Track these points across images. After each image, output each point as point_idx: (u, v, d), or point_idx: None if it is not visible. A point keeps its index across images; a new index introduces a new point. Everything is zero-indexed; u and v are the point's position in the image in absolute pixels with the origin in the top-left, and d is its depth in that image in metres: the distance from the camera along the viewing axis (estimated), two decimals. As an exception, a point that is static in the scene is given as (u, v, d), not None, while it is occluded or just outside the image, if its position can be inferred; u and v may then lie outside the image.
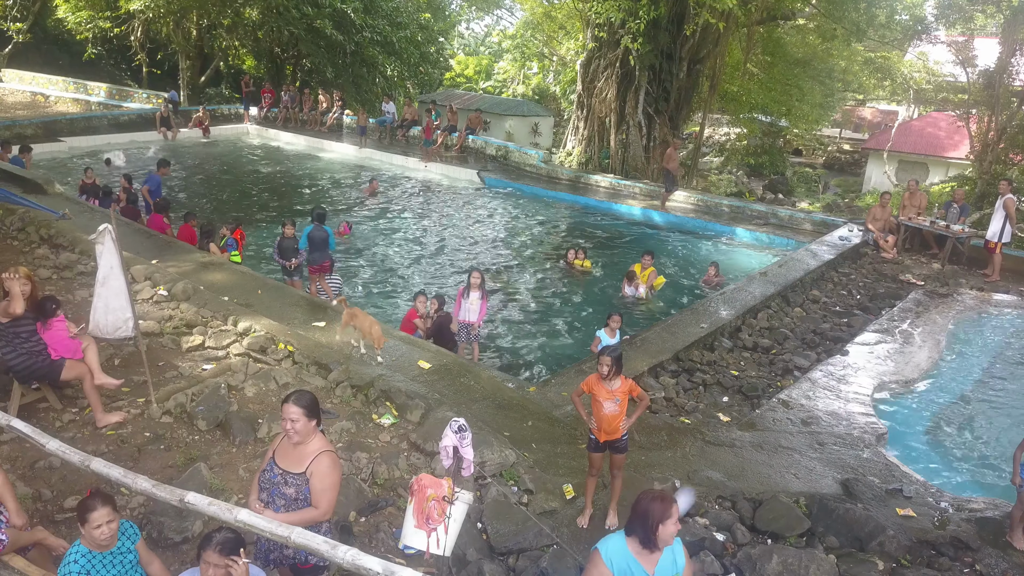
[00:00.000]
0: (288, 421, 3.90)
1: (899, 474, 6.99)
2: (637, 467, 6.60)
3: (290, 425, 3.89)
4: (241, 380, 7.19)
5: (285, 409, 3.93)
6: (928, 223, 14.17)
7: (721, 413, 8.20)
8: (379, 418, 6.82)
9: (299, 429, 3.90)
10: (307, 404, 3.97)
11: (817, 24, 24.14)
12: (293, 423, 3.89)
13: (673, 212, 17.59)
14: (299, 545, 2.42)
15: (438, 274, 13.35)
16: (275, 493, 3.99)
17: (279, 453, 4.05)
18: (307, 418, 3.94)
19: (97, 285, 6.34)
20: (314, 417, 3.99)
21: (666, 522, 3.56)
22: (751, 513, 6.14)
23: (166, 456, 6.04)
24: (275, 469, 3.98)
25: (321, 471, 3.97)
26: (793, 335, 10.54)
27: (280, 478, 3.98)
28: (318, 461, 3.97)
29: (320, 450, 3.99)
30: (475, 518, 5.61)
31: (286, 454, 4.00)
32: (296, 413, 3.90)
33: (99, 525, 3.78)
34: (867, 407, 8.23)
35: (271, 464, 4.03)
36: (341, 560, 2.28)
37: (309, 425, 3.96)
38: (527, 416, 7.32)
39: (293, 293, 10.02)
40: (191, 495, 2.68)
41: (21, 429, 3.86)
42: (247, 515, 2.54)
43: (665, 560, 3.67)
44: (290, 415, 3.90)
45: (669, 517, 3.56)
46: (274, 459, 4.05)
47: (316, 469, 3.97)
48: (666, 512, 3.56)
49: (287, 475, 3.98)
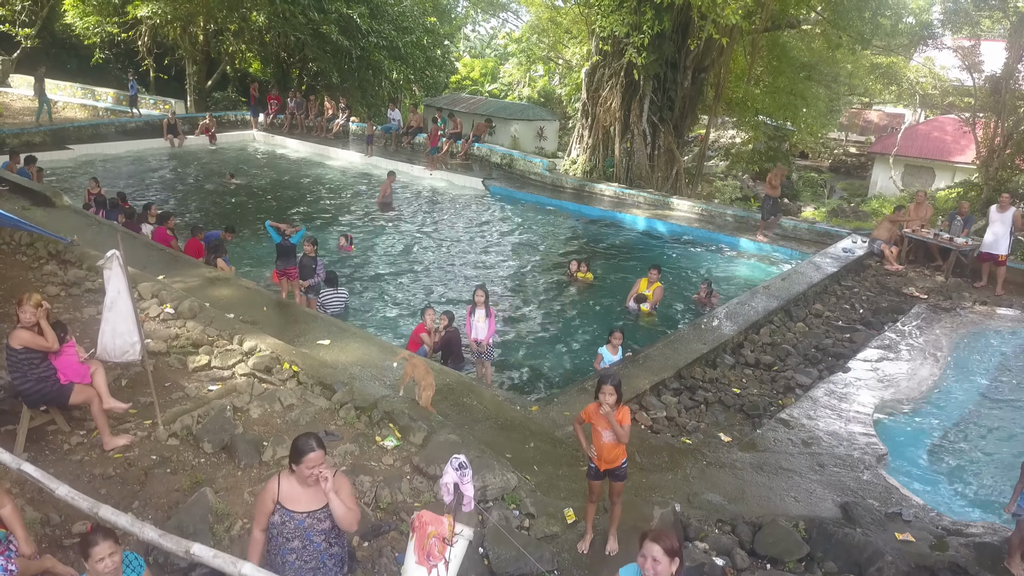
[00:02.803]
0: (316, 467, 3.93)
1: (898, 497, 7.02)
2: (638, 490, 6.65)
3: (318, 470, 3.94)
4: (247, 401, 7.27)
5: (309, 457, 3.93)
6: (932, 235, 14.19)
7: (722, 433, 8.25)
8: (382, 440, 6.89)
9: (324, 468, 4.00)
10: (322, 443, 4.05)
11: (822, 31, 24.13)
12: (320, 467, 3.95)
13: (677, 222, 17.63)
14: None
15: (443, 286, 13.41)
16: (310, 535, 4.03)
17: (287, 499, 4.02)
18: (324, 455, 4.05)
19: (105, 310, 6.42)
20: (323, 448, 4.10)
21: (644, 552, 3.72)
22: (751, 537, 6.19)
23: (172, 480, 6.12)
24: (296, 516, 3.98)
25: (347, 488, 4.11)
26: (795, 351, 10.57)
27: (308, 520, 4.01)
28: (340, 481, 4.09)
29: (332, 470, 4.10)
30: (476, 543, 5.68)
31: (296, 497, 4.02)
32: (321, 456, 3.98)
33: (102, 559, 3.85)
34: (868, 427, 8.26)
35: (288, 514, 3.99)
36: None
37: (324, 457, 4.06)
38: (529, 437, 7.38)
39: (298, 310, 10.10)
40: (196, 547, 2.76)
41: (31, 474, 3.93)
42: (251, 569, 2.61)
43: None
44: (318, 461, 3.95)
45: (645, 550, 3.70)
46: (285, 507, 4.01)
47: (340, 488, 4.06)
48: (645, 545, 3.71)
49: (316, 513, 4.04)
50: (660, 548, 3.69)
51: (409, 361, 7.69)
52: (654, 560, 3.70)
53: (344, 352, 8.67)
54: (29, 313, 6.16)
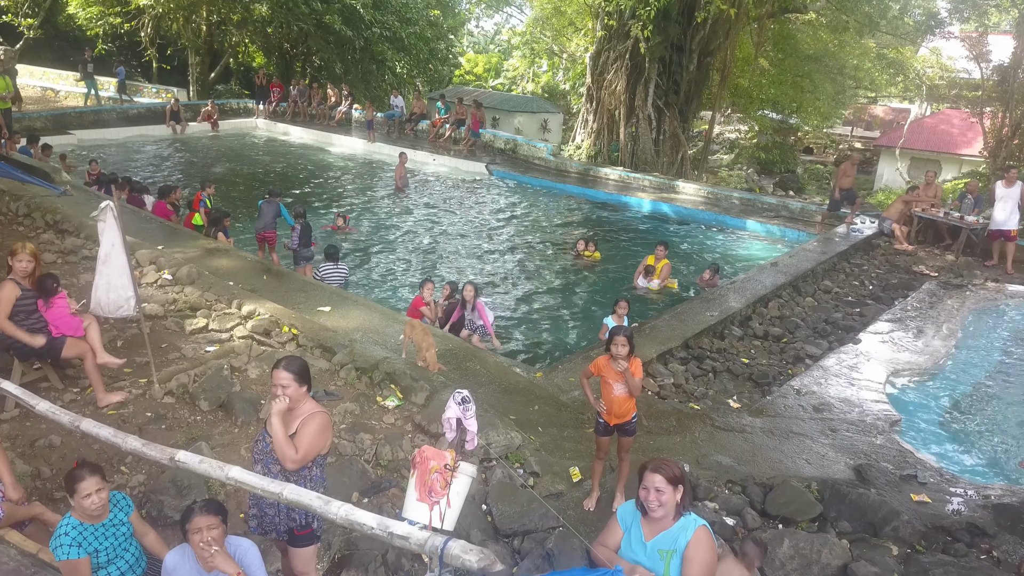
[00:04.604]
0: (279, 387, 3.81)
1: (913, 460, 6.83)
2: (645, 452, 6.46)
3: (280, 391, 3.81)
4: (244, 362, 7.11)
5: (275, 375, 3.84)
6: (942, 214, 13.98)
7: (731, 399, 8.06)
8: (383, 400, 6.72)
9: (290, 395, 3.82)
10: (297, 369, 3.89)
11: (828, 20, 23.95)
12: (284, 388, 3.80)
13: (683, 204, 17.44)
14: (290, 502, 2.32)
15: (445, 266, 13.24)
16: (269, 462, 3.89)
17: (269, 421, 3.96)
18: (298, 383, 3.86)
19: (99, 263, 6.27)
20: (305, 383, 3.92)
21: (645, 483, 3.51)
22: (761, 498, 6.00)
23: (167, 435, 5.95)
24: (266, 438, 3.89)
25: (305, 429, 3.88)
26: (804, 324, 10.38)
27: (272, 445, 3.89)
28: (304, 421, 3.89)
29: (311, 411, 3.93)
30: (480, 499, 5.51)
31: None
32: (287, 378, 3.82)
33: (88, 494, 3.70)
34: (880, 395, 8.08)
35: (263, 434, 3.94)
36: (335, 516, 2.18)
37: (300, 391, 3.88)
38: (533, 400, 7.21)
39: (298, 279, 9.94)
40: (181, 453, 2.60)
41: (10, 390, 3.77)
42: (239, 472, 2.45)
43: (668, 534, 3.56)
44: (280, 380, 3.81)
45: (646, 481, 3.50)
46: (265, 429, 3.96)
47: (304, 422, 3.89)
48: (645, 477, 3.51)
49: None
50: (662, 477, 3.48)
51: (408, 324, 7.53)
52: (657, 491, 3.48)
53: (345, 318, 8.50)
54: (25, 262, 6.01)
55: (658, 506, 3.48)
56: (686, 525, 3.50)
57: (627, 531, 3.68)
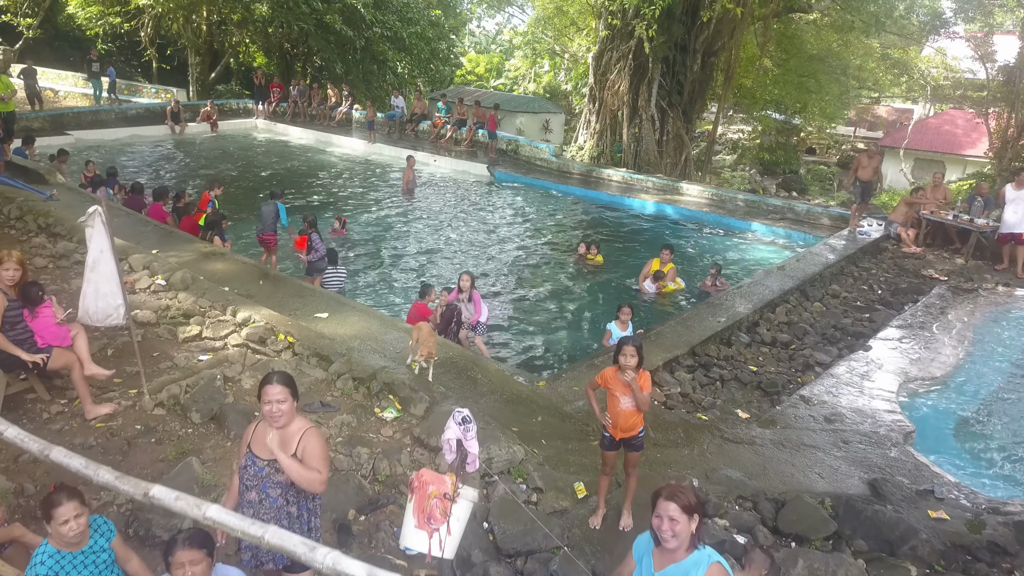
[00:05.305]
0: (273, 403, 3.59)
1: (929, 474, 6.61)
2: (652, 464, 6.26)
3: (276, 407, 3.59)
4: (238, 371, 6.90)
5: (267, 391, 3.62)
6: (951, 217, 13.75)
7: (740, 409, 7.84)
8: (381, 412, 6.51)
9: (285, 410, 3.61)
10: (289, 382, 3.69)
11: (831, 20, 23.73)
12: (279, 404, 3.59)
13: (687, 206, 17.21)
14: (273, 547, 2.10)
15: (447, 270, 13.02)
16: (266, 487, 3.68)
17: (256, 443, 3.75)
18: (292, 398, 3.66)
19: (87, 270, 6.04)
20: (296, 396, 3.73)
21: (659, 512, 3.29)
22: (773, 514, 5.78)
23: (157, 450, 5.74)
24: (258, 462, 3.67)
25: (312, 446, 3.69)
26: (813, 330, 10.16)
27: (268, 469, 3.67)
28: (306, 439, 3.69)
29: (303, 428, 3.72)
30: (481, 517, 5.29)
31: (264, 443, 3.69)
32: (281, 393, 3.61)
33: (66, 521, 3.50)
34: (893, 404, 7.85)
35: (251, 458, 3.71)
36: (320, 565, 1.96)
37: (293, 406, 3.68)
38: (536, 411, 6.99)
39: (296, 284, 9.72)
40: (156, 488, 2.37)
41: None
42: (216, 511, 2.23)
43: (679, 567, 3.32)
44: (275, 396, 3.60)
45: (659, 509, 3.28)
46: (252, 452, 3.74)
47: (307, 446, 3.69)
48: (659, 504, 3.29)
49: (276, 463, 3.67)
50: (676, 506, 3.24)
51: (416, 327, 7.32)
52: (671, 520, 3.24)
53: (343, 325, 8.28)
54: (12, 271, 5.80)
55: (671, 536, 3.25)
56: (699, 560, 3.26)
57: (639, 561, 3.47)
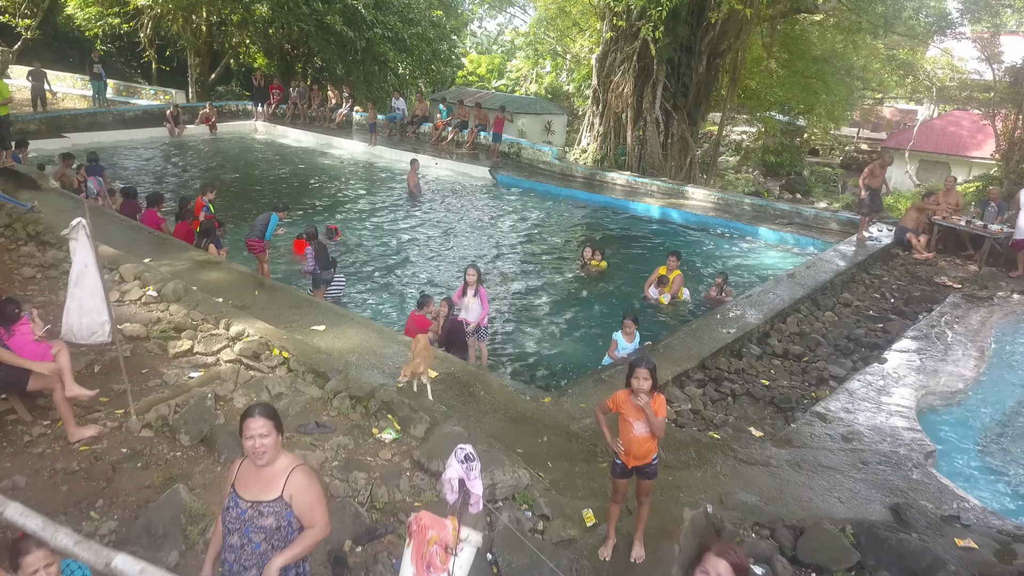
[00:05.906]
0: (255, 437, 3.30)
1: (952, 497, 6.31)
2: (664, 488, 5.96)
3: (258, 442, 3.29)
4: (230, 390, 6.60)
5: (248, 425, 3.32)
6: (964, 223, 13.44)
7: (753, 427, 7.54)
8: (380, 432, 6.21)
9: (268, 444, 3.31)
10: (272, 415, 3.38)
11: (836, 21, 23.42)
12: (262, 438, 3.29)
13: (692, 210, 16.91)
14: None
15: (447, 275, 12.73)
16: (249, 531, 3.38)
17: (240, 483, 3.44)
18: (276, 431, 3.36)
19: (70, 285, 5.78)
20: (280, 430, 3.42)
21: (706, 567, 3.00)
22: (792, 543, 5.49)
23: (143, 475, 5.45)
24: (240, 504, 3.37)
25: (302, 487, 3.41)
26: (825, 341, 9.86)
27: (251, 511, 3.37)
28: (294, 478, 3.40)
29: (291, 466, 3.42)
30: (485, 547, 5.00)
31: (248, 482, 3.40)
32: (264, 426, 3.31)
33: (35, 571, 3.21)
34: (912, 421, 7.54)
35: (234, 499, 3.41)
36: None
37: (278, 439, 3.38)
38: (542, 430, 6.70)
39: (292, 294, 9.43)
40: (119, 558, 2.08)
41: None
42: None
43: None
44: (258, 430, 3.30)
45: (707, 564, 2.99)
46: (236, 492, 3.43)
47: (296, 487, 3.40)
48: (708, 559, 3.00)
49: (260, 505, 3.39)
50: (727, 563, 3.01)
51: (415, 340, 7.03)
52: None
53: (340, 338, 7.99)
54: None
55: None
56: None
57: None
